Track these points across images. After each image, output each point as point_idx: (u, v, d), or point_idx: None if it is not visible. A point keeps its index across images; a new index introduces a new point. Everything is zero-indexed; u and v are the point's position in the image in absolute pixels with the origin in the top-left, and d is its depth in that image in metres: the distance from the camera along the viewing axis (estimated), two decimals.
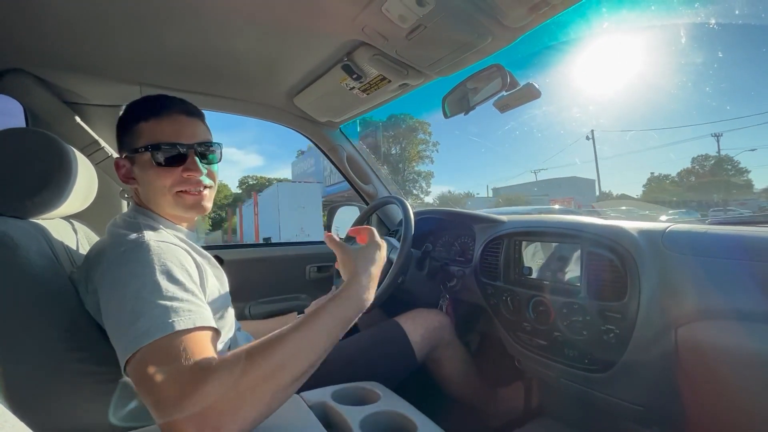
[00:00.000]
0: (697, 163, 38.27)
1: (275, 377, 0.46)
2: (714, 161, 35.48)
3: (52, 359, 0.53)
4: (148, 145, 0.64)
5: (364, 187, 1.60)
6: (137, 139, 0.65)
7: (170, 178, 0.65)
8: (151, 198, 0.68)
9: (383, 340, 0.99)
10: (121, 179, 0.69)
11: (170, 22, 0.83)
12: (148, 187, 0.67)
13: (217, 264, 0.75)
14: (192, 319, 0.48)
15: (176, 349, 0.45)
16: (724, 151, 34.70)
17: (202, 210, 0.69)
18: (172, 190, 0.66)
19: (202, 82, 1.14)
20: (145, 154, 0.64)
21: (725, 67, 69.07)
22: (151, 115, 0.65)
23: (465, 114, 1.08)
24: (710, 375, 0.67)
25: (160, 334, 0.45)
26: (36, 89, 0.99)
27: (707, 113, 56.79)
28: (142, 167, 0.65)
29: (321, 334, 0.52)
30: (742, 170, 35.98)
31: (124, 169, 0.68)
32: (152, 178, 0.65)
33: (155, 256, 0.53)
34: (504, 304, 0.99)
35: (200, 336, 0.48)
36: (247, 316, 1.38)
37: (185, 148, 0.65)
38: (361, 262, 0.64)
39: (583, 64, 76.55)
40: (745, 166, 36.48)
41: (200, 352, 0.45)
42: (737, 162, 35.51)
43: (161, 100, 0.67)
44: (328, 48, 0.96)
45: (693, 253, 0.70)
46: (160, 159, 0.64)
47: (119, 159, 0.69)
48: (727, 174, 34.77)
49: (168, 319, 0.47)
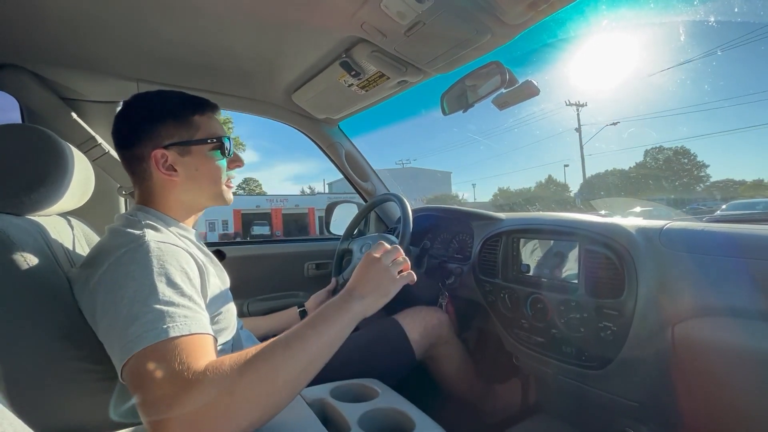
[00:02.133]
0: (651, 156, 36.38)
1: (269, 383, 0.46)
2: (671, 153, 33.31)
3: (50, 357, 0.53)
4: (213, 137, 0.68)
5: (362, 184, 1.60)
6: (195, 131, 0.68)
7: (222, 169, 0.71)
8: (195, 188, 0.69)
9: (382, 338, 0.99)
10: (159, 169, 0.65)
11: (167, 18, 0.83)
12: (200, 177, 0.68)
13: (219, 262, 0.75)
14: (187, 325, 0.48)
15: (170, 355, 0.44)
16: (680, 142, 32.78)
17: (230, 201, 0.74)
18: (225, 179, 0.72)
19: (199, 78, 1.14)
20: (207, 145, 0.68)
21: (725, 66, 69.16)
22: (205, 110, 0.70)
23: (464, 111, 1.08)
24: (706, 372, 0.67)
25: (153, 340, 0.45)
26: (32, 85, 0.98)
27: (707, 114, 57.15)
28: (200, 157, 0.68)
29: (313, 341, 0.52)
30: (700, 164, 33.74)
31: (165, 159, 0.65)
32: (211, 167, 0.69)
33: (154, 258, 0.52)
34: (502, 301, 0.99)
35: (195, 342, 0.47)
36: (245, 312, 1.38)
37: (231, 143, 0.72)
38: (359, 270, 0.65)
39: (583, 61, 76.49)
40: (702, 160, 34.25)
41: (194, 358, 0.45)
42: (694, 155, 33.30)
43: (202, 99, 0.71)
44: (326, 44, 0.96)
45: (690, 250, 0.70)
46: (225, 150, 0.70)
47: (159, 149, 0.65)
48: (683, 167, 33.12)
49: (162, 324, 0.46)
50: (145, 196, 0.68)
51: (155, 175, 0.66)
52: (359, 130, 21.18)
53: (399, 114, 60.52)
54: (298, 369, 0.49)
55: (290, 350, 0.50)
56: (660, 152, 35.80)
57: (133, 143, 0.66)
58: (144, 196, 0.68)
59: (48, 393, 0.53)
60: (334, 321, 0.56)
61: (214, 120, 0.72)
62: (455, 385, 1.10)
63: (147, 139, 0.65)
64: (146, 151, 0.65)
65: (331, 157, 1.54)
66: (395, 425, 0.66)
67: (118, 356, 0.47)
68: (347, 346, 0.97)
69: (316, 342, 0.52)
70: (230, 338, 0.70)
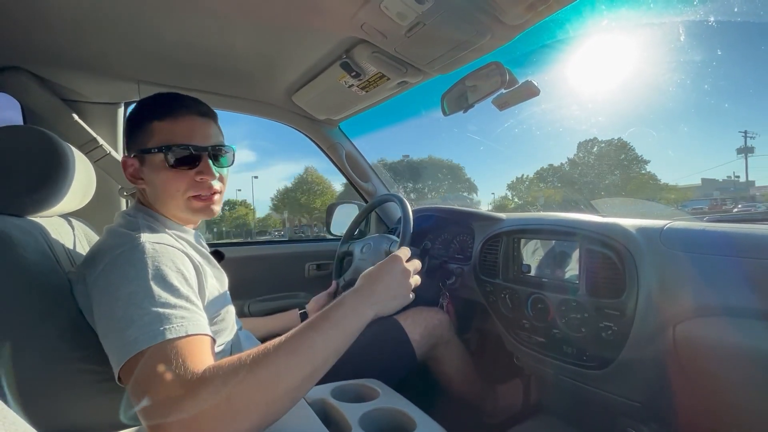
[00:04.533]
0: (583, 150, 32.49)
1: (270, 390, 0.44)
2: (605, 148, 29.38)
3: (52, 358, 0.53)
4: (161, 146, 0.62)
5: (363, 185, 1.60)
6: (149, 139, 0.63)
7: (183, 181, 0.64)
8: (159, 199, 0.66)
9: (383, 338, 0.99)
10: (128, 178, 0.67)
11: (168, 19, 0.83)
12: (157, 189, 0.65)
13: (217, 264, 0.74)
14: (184, 327, 0.47)
15: (167, 358, 0.44)
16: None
17: (210, 214, 0.68)
18: (185, 194, 0.65)
19: (200, 79, 1.14)
20: (157, 155, 0.63)
21: (724, 65, 69.13)
22: (165, 114, 0.64)
23: (464, 112, 1.08)
24: (707, 372, 0.67)
25: (150, 343, 0.44)
26: (33, 87, 0.98)
27: (706, 112, 56.73)
28: (154, 168, 0.64)
29: (319, 347, 0.50)
30: (641, 160, 30.42)
31: (132, 168, 0.66)
32: (164, 180, 0.63)
33: (150, 260, 0.52)
34: (503, 301, 0.99)
35: (193, 343, 0.46)
36: (246, 313, 1.38)
37: (199, 150, 0.64)
38: (379, 271, 0.63)
39: (582, 61, 76.57)
40: (642, 155, 30.91)
41: (192, 361, 0.44)
42: (632, 148, 30.04)
43: (176, 99, 0.66)
44: (326, 45, 0.96)
45: (690, 250, 0.70)
46: (174, 161, 0.63)
47: (127, 158, 0.66)
48: (620, 163, 29.91)
49: (159, 326, 0.46)
50: (148, 198, 0.69)
51: None
52: (359, 131, 21.35)
53: (399, 114, 60.59)
54: (302, 376, 0.47)
55: (294, 356, 0.47)
56: (594, 145, 32.26)
57: (124, 147, 0.69)
58: (145, 197, 0.69)
59: (50, 393, 0.53)
60: (344, 325, 0.53)
61: (179, 125, 0.64)
62: (456, 386, 1.10)
63: (128, 144, 0.68)
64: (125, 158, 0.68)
65: (332, 157, 1.54)
66: (396, 425, 0.66)
67: (115, 359, 0.47)
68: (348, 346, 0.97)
69: (322, 348, 0.50)
70: (229, 339, 0.70)
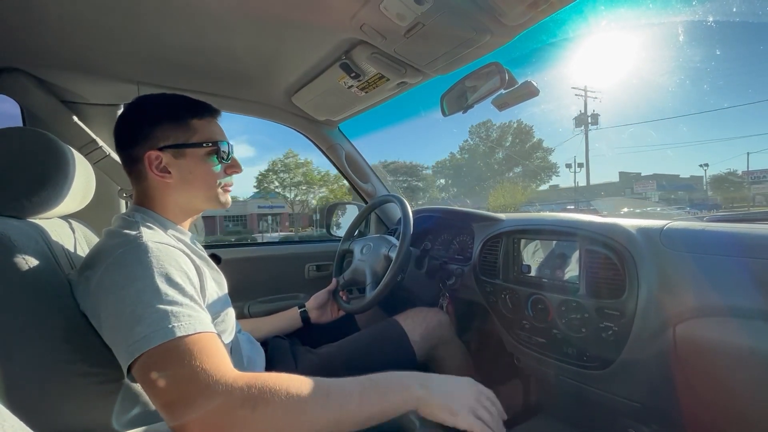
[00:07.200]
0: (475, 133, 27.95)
1: (291, 419, 0.46)
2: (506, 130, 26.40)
3: (51, 360, 0.53)
4: (209, 141, 0.69)
5: (362, 185, 1.60)
6: (192, 134, 0.68)
7: (221, 173, 0.72)
8: (187, 191, 0.69)
9: (383, 339, 0.99)
10: (151, 171, 0.66)
11: (167, 21, 0.83)
12: (195, 179, 0.69)
13: (215, 266, 0.75)
14: (192, 325, 0.48)
15: (180, 355, 0.45)
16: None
17: (228, 204, 0.75)
18: (221, 183, 0.72)
19: (199, 80, 1.14)
20: (203, 149, 0.69)
21: (724, 65, 69.25)
22: (204, 114, 0.71)
23: (463, 112, 1.08)
24: (708, 372, 0.67)
25: (162, 340, 0.46)
26: (33, 88, 0.98)
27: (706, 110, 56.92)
28: (196, 160, 0.68)
29: (354, 404, 0.51)
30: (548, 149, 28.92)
31: (159, 161, 0.66)
32: (205, 171, 0.69)
33: (154, 259, 0.52)
34: (503, 302, 0.99)
35: (204, 340, 0.48)
36: (246, 314, 1.38)
37: (230, 148, 0.73)
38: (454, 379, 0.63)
39: (582, 61, 76.60)
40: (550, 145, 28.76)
41: (208, 357, 0.46)
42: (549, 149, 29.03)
43: (203, 103, 0.72)
44: (326, 46, 0.96)
45: (690, 250, 0.70)
46: (219, 155, 0.70)
47: (153, 151, 0.66)
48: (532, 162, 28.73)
49: (168, 324, 0.47)
50: (142, 197, 0.69)
51: (150, 176, 0.67)
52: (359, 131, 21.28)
53: (399, 114, 60.66)
54: (325, 421, 0.48)
55: (328, 400, 0.49)
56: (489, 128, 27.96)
57: (131, 144, 0.67)
58: (141, 197, 0.69)
59: (49, 396, 0.53)
60: (386, 394, 0.54)
61: (214, 124, 0.72)
62: None
63: (143, 140, 0.66)
64: (142, 152, 0.66)
65: (332, 158, 1.54)
66: (396, 426, 0.66)
67: (124, 356, 0.47)
68: (348, 347, 0.97)
69: (356, 407, 0.50)
70: (229, 341, 0.70)
